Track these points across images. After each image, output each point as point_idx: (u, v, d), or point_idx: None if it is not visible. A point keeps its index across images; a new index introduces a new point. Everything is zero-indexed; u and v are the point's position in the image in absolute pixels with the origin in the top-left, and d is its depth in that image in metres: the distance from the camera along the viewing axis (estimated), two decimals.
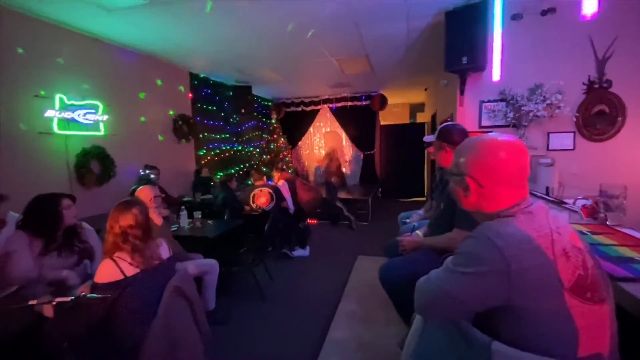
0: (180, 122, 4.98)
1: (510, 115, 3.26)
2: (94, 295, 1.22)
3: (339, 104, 7.87)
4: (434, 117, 6.26)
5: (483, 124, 3.49)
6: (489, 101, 3.43)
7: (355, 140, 8.14)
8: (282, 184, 4.17)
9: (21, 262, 1.66)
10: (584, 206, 1.70)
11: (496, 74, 3.04)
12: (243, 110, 6.52)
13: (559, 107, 3.10)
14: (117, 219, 1.43)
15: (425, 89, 7.47)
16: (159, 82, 4.61)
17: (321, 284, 3.24)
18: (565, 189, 2.68)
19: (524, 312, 0.70)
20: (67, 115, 3.26)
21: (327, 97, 7.85)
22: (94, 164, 3.57)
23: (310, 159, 8.80)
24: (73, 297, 1.16)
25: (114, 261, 1.38)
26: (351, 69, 5.44)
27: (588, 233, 1.41)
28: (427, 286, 0.84)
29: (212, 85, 5.89)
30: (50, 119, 3.15)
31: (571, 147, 3.26)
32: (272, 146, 8.06)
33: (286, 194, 4.08)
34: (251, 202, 3.76)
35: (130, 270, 1.39)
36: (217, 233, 2.88)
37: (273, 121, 8.28)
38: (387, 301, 1.92)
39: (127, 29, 3.47)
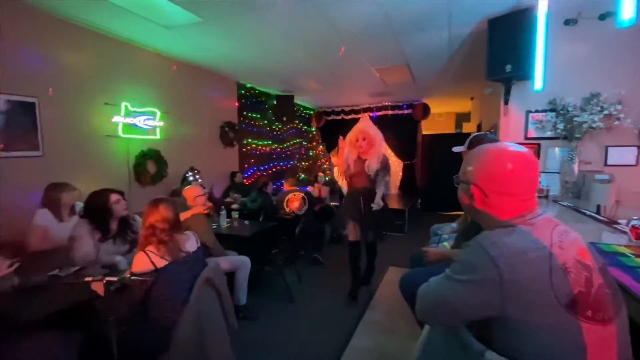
0: (226, 129, 5.35)
1: (561, 126, 3.03)
2: (136, 277, 1.40)
3: (380, 113, 7.84)
4: (479, 127, 5.98)
5: (529, 135, 3.29)
6: (537, 111, 3.23)
7: (395, 149, 8.02)
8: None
9: (83, 246, 1.94)
10: (633, 227, 1.54)
11: (538, 82, 2.85)
12: (285, 118, 6.79)
13: (618, 119, 2.82)
14: (147, 216, 1.62)
15: (472, 98, 7.17)
16: (209, 91, 5.02)
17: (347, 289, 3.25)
18: (623, 209, 2.42)
19: (519, 324, 0.69)
20: (130, 120, 3.70)
21: (367, 105, 7.87)
22: (150, 164, 3.98)
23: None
24: (119, 278, 1.34)
25: (146, 254, 1.55)
26: (392, 78, 5.43)
27: (631, 255, 1.29)
28: (426, 292, 0.86)
29: (257, 94, 6.24)
30: (117, 124, 3.59)
31: (634, 163, 2.93)
32: (310, 153, 8.25)
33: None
34: (285, 206, 3.91)
35: (160, 262, 1.54)
36: (251, 233, 3.05)
37: (313, 129, 8.49)
38: None
39: (183, 44, 3.85)
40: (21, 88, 2.82)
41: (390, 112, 7.70)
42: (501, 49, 2.97)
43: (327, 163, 8.69)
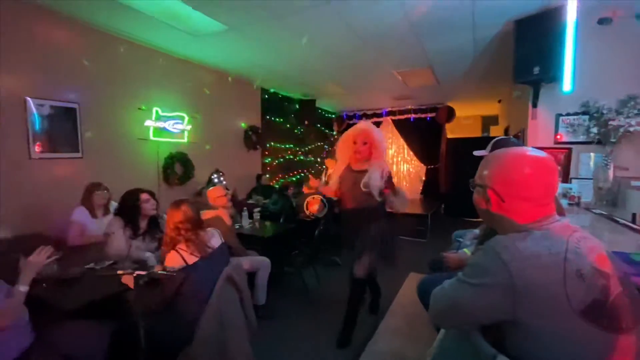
0: (250, 133, 5.50)
1: (594, 130, 2.88)
2: (163, 272, 1.49)
3: (402, 117, 7.76)
4: (506, 130, 5.78)
5: (560, 139, 3.15)
6: (568, 114, 3.09)
7: (418, 153, 7.90)
8: None
9: (116, 241, 2.07)
10: None
11: (567, 83, 2.74)
12: (307, 122, 6.87)
13: None
14: (171, 217, 1.71)
15: (499, 101, 6.94)
16: (233, 96, 5.19)
17: (368, 296, 3.23)
18: None
19: (531, 330, 0.68)
20: (160, 124, 3.90)
21: (389, 109, 7.82)
22: (178, 166, 4.17)
23: None
24: (147, 272, 1.43)
25: (177, 251, 1.64)
26: (415, 81, 5.37)
27: None
28: (439, 294, 0.86)
29: (280, 98, 6.37)
30: (148, 128, 3.80)
31: None
32: (332, 157, 8.28)
33: None
34: (305, 209, 3.95)
35: (190, 259, 1.64)
36: (272, 234, 3.12)
37: (335, 132, 8.52)
38: None
39: (209, 51, 4.01)
40: (64, 94, 3.06)
41: (413, 115, 7.60)
42: (529, 51, 2.88)
43: None
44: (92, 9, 2.90)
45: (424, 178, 7.97)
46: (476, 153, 1.85)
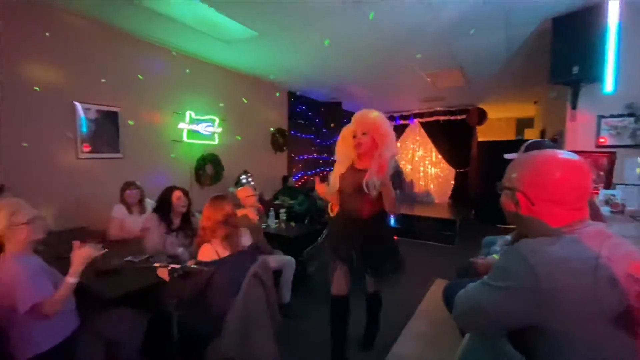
0: (277, 135, 5.62)
1: None
2: (195, 266, 1.57)
3: (431, 119, 7.60)
4: (542, 133, 5.49)
5: (602, 142, 2.96)
6: (612, 116, 2.90)
7: (447, 156, 7.69)
8: None
9: (152, 237, 2.21)
10: None
11: (609, 84, 2.57)
12: (333, 125, 6.91)
13: None
14: (213, 211, 1.78)
15: (535, 102, 6.60)
16: (261, 99, 5.34)
17: (393, 300, 3.19)
18: None
19: (559, 335, 0.66)
20: (193, 127, 4.10)
21: (417, 111, 7.68)
22: (209, 167, 4.35)
23: None
24: (181, 266, 1.52)
25: (212, 245, 1.73)
26: (444, 82, 5.25)
27: None
28: (463, 297, 0.85)
29: (306, 101, 6.45)
30: (181, 130, 4.00)
31: None
32: None
33: None
34: (330, 210, 3.98)
35: (223, 253, 1.72)
36: (297, 234, 3.18)
37: None
38: None
39: (240, 56, 4.16)
40: (108, 99, 3.30)
41: (442, 117, 7.42)
42: (567, 50, 2.74)
43: None
44: (137, 21, 3.12)
45: (453, 182, 7.74)
46: (507, 156, 1.79)
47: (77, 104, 3.07)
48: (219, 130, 4.43)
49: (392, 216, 2.06)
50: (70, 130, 3.04)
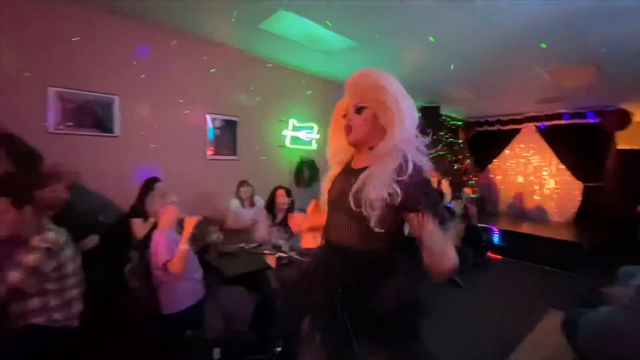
0: None
1: None
2: (297, 257, 1.76)
3: (550, 123, 6.54)
4: None
5: None
6: None
7: (571, 167, 6.49)
8: None
9: (260, 228, 2.54)
10: None
11: None
12: (430, 131, 6.57)
13: None
14: None
15: None
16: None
17: (494, 324, 2.89)
18: None
19: None
20: (296, 134, 4.50)
21: (532, 114, 6.70)
22: (306, 170, 4.70)
23: (503, 184, 7.75)
24: (287, 255, 1.73)
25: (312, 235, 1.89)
26: (569, 80, 4.47)
27: None
28: (594, 320, 0.75)
29: None
30: (285, 136, 4.44)
31: None
32: (455, 167, 7.66)
33: None
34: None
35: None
36: None
37: (460, 141, 7.86)
38: None
39: (338, 67, 4.37)
40: (229, 109, 3.90)
41: (564, 121, 6.31)
42: None
43: (475, 178, 7.86)
44: (252, 41, 3.61)
45: (580, 199, 6.47)
46: None
47: (208, 116, 3.73)
48: (317, 136, 4.75)
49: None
50: (202, 137, 3.71)
